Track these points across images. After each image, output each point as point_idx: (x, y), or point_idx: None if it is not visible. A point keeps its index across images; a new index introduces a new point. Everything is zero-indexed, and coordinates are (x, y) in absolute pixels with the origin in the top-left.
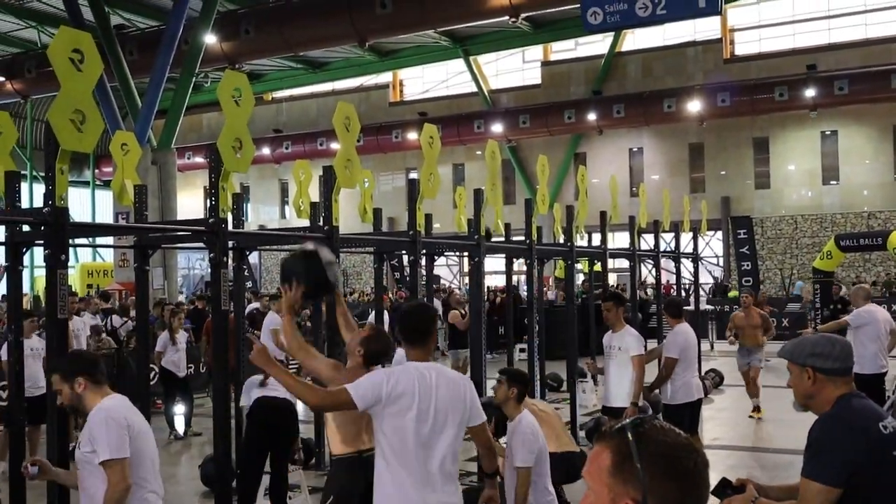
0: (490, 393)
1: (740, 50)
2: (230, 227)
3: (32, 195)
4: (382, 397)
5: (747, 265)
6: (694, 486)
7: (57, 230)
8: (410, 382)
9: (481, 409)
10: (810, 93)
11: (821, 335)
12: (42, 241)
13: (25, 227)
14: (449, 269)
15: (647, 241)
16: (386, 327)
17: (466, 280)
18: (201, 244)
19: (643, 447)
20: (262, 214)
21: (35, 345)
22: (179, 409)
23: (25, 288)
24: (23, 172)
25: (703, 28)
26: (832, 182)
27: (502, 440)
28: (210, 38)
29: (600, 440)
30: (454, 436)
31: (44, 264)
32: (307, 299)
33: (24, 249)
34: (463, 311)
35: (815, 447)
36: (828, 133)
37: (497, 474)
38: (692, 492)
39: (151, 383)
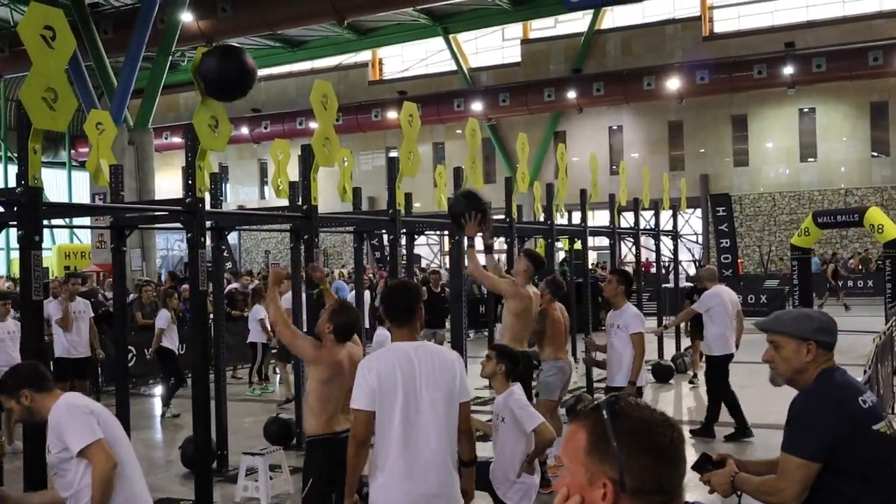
0: (472, 375)
1: (719, 27)
2: (208, 207)
3: (7, 177)
4: (375, 388)
5: (726, 242)
6: (670, 461)
7: (30, 210)
8: (391, 371)
9: (468, 389)
10: (788, 70)
11: (816, 310)
12: (16, 222)
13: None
14: (430, 248)
15: (626, 219)
16: (366, 307)
17: (446, 259)
18: (179, 224)
19: (618, 425)
20: (241, 194)
21: (10, 327)
22: (158, 391)
23: (2, 270)
24: None
25: (682, 6)
26: (810, 159)
27: (485, 418)
28: (187, 17)
29: (575, 419)
30: (446, 415)
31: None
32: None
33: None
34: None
35: (797, 422)
36: (806, 110)
37: (474, 462)
38: (669, 467)
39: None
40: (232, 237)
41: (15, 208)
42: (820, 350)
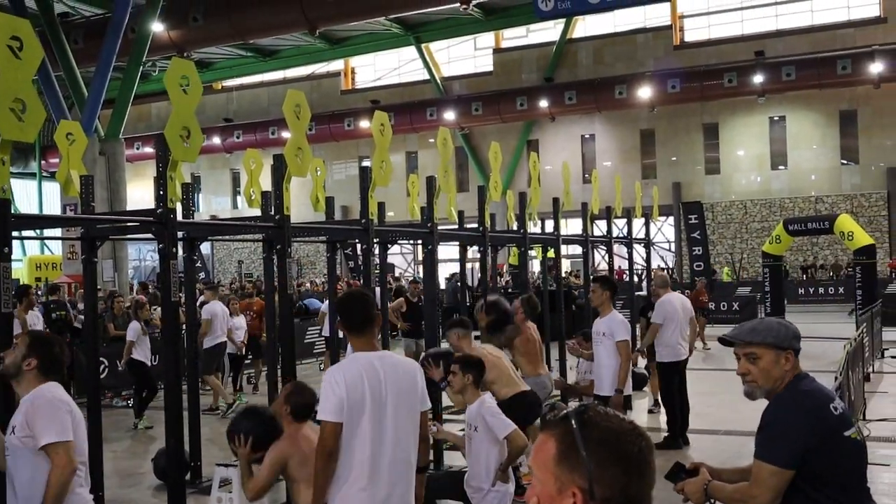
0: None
1: (690, 36)
2: (179, 218)
3: None
4: (344, 398)
5: (698, 250)
6: (639, 471)
7: None
8: (359, 380)
9: (427, 397)
10: (758, 79)
11: (778, 320)
12: None
13: None
14: (403, 258)
15: (599, 228)
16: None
17: (419, 268)
18: (150, 235)
19: (587, 434)
20: (213, 205)
21: None
22: (130, 402)
23: None
24: None
25: (653, 15)
26: (780, 167)
27: (458, 430)
28: (157, 27)
29: (545, 429)
30: (411, 424)
31: None
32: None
33: None
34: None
35: (769, 430)
36: (776, 119)
37: (426, 469)
38: (637, 477)
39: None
40: (205, 247)
41: None
42: (795, 358)
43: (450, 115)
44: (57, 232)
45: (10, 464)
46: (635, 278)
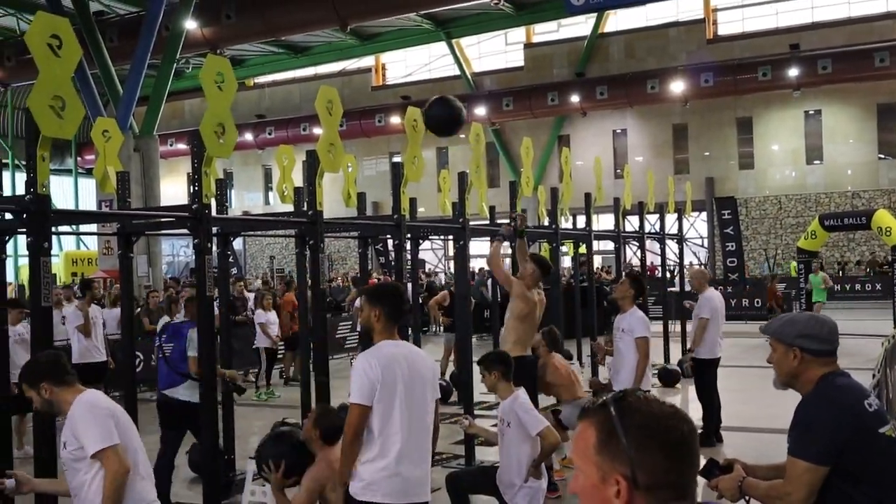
0: (479, 376)
1: (723, 30)
2: (214, 213)
3: (14, 184)
4: (376, 382)
5: (732, 246)
6: (682, 455)
7: (39, 218)
8: (391, 365)
9: (438, 388)
10: (793, 72)
11: (810, 314)
12: (25, 230)
13: (7, 216)
14: (434, 253)
15: (631, 223)
16: None
17: (450, 263)
18: (185, 231)
19: (627, 421)
20: (245, 200)
21: (20, 330)
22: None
23: (10, 276)
24: (4, 161)
25: (685, 8)
26: (816, 162)
27: (490, 425)
28: (191, 24)
29: (584, 417)
30: (431, 408)
31: (27, 252)
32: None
33: (7, 238)
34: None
35: (802, 426)
36: (811, 112)
37: (434, 455)
38: (681, 461)
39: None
40: (237, 243)
41: (24, 216)
42: (807, 356)
43: (480, 111)
44: (93, 227)
45: (70, 479)
46: (668, 274)
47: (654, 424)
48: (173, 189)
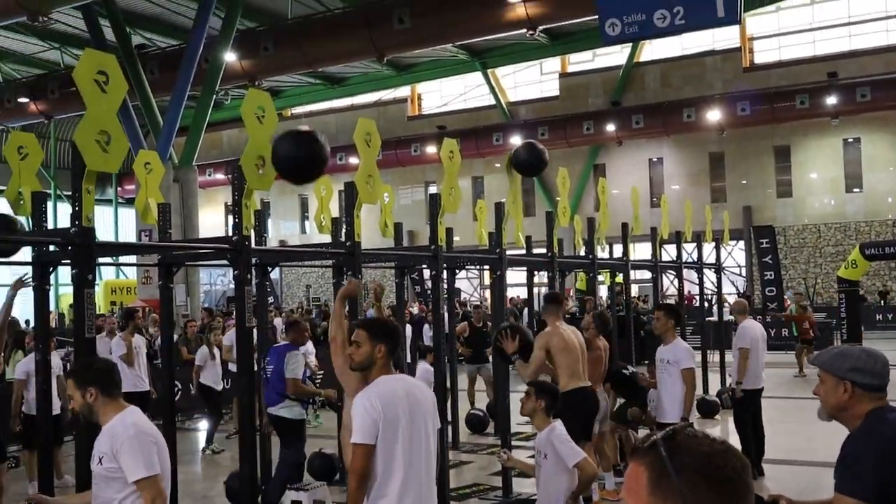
0: (518, 408)
1: (760, 58)
2: (253, 244)
3: (56, 214)
4: (378, 420)
5: (770, 275)
6: (735, 493)
7: (84, 250)
8: (392, 402)
9: (438, 416)
10: (832, 100)
11: (862, 348)
12: (69, 261)
13: (52, 247)
14: (469, 282)
15: (668, 252)
16: (408, 342)
17: (485, 293)
18: (225, 261)
19: (678, 460)
20: (282, 230)
21: (53, 364)
22: (203, 425)
23: (51, 306)
24: (46, 192)
25: (721, 37)
26: (855, 190)
27: (526, 456)
28: (230, 56)
29: (634, 457)
30: (434, 441)
31: (68, 282)
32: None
33: (51, 269)
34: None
35: (849, 461)
36: (850, 140)
37: None
38: (733, 499)
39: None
40: (273, 272)
41: (69, 248)
42: (858, 390)
43: (516, 140)
44: (132, 258)
45: (97, 492)
46: (705, 304)
47: (705, 462)
48: (211, 219)
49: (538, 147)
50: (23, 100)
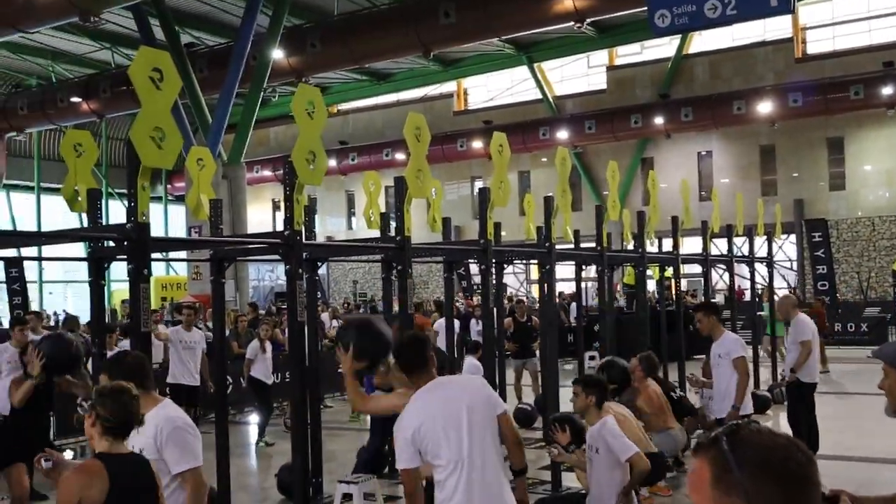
0: (566, 402)
1: (812, 48)
2: (303, 240)
3: (108, 212)
4: (418, 443)
5: (822, 269)
6: (799, 487)
7: (140, 245)
8: (425, 418)
9: (499, 399)
10: (887, 90)
11: None
12: (124, 257)
13: (108, 243)
14: (515, 277)
15: (717, 247)
16: (455, 336)
17: (532, 287)
18: (276, 256)
19: (740, 455)
20: (328, 225)
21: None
22: (253, 419)
23: (105, 302)
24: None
25: (773, 27)
26: None
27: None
28: (278, 53)
29: (697, 452)
30: (492, 434)
31: (120, 278)
32: (364, 364)
33: (107, 265)
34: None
35: None
36: None
37: (525, 471)
38: (797, 492)
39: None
40: (320, 268)
41: (125, 243)
42: None
43: (563, 134)
44: (183, 253)
45: None
46: (756, 298)
47: (768, 456)
48: (258, 215)
49: None
50: (75, 99)
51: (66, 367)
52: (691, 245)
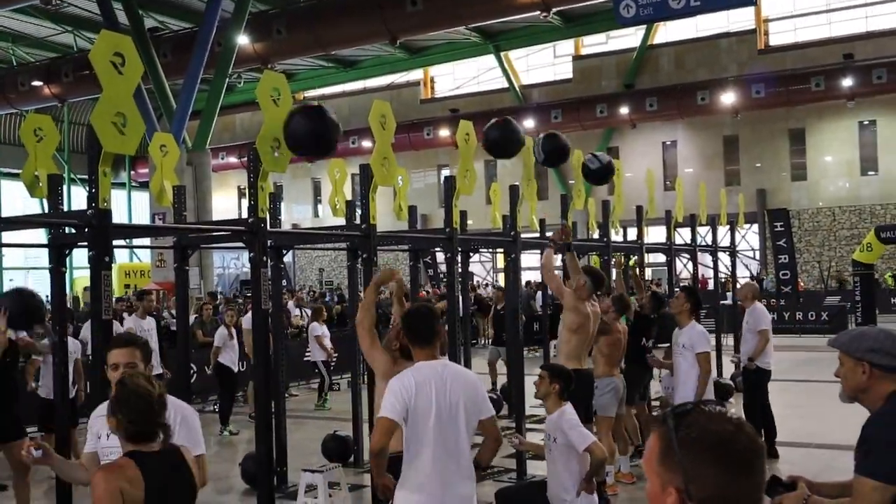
0: (532, 391)
1: (775, 40)
2: (268, 227)
3: (70, 197)
4: (409, 406)
5: (784, 258)
6: (738, 473)
7: (101, 232)
8: (426, 386)
9: (489, 403)
10: (847, 82)
11: (880, 329)
12: (85, 243)
13: (68, 230)
14: (482, 266)
15: (681, 236)
16: None
17: (499, 276)
18: (240, 244)
19: (683, 435)
20: (295, 213)
21: (70, 346)
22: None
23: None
24: (62, 175)
25: (736, 19)
26: (871, 173)
27: (538, 438)
28: (243, 39)
29: (653, 428)
30: (469, 430)
31: (83, 265)
32: None
33: (68, 252)
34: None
35: (870, 444)
36: (866, 123)
37: (487, 468)
38: (738, 477)
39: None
40: (286, 255)
41: (86, 230)
42: (877, 370)
43: (529, 123)
44: (146, 240)
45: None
46: (719, 287)
47: (710, 438)
48: (224, 203)
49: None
50: (36, 83)
51: (31, 319)
52: (656, 234)
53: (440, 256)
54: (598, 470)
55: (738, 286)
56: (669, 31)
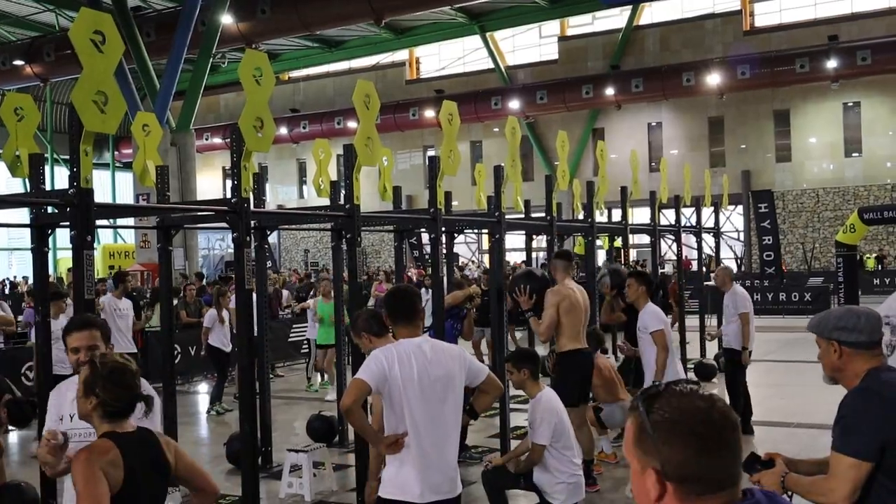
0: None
1: (760, 21)
2: (252, 207)
3: (54, 178)
4: (387, 374)
5: (768, 239)
6: (714, 449)
7: (83, 211)
8: (408, 359)
9: (480, 365)
10: (832, 64)
11: (846, 307)
12: (67, 223)
13: (50, 209)
14: (467, 247)
15: (666, 217)
16: None
17: (483, 257)
18: (224, 224)
19: (654, 416)
20: (280, 194)
21: (62, 325)
22: (202, 388)
23: (50, 270)
24: (44, 155)
25: (721, 0)
26: (854, 154)
27: (523, 419)
28: (227, 19)
29: (629, 412)
30: (456, 403)
31: (66, 246)
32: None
33: (50, 232)
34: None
35: (846, 421)
36: (850, 104)
37: (477, 416)
38: (712, 454)
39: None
40: (271, 237)
41: (67, 209)
42: (847, 348)
43: (514, 104)
44: (130, 221)
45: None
46: (703, 268)
47: (680, 418)
48: (208, 183)
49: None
50: (18, 62)
51: None
52: (640, 215)
53: (425, 237)
54: (529, 466)
55: (713, 273)
56: (655, 13)
